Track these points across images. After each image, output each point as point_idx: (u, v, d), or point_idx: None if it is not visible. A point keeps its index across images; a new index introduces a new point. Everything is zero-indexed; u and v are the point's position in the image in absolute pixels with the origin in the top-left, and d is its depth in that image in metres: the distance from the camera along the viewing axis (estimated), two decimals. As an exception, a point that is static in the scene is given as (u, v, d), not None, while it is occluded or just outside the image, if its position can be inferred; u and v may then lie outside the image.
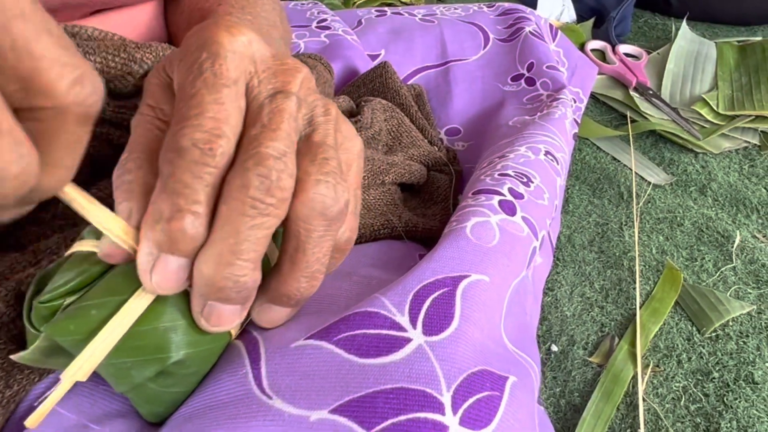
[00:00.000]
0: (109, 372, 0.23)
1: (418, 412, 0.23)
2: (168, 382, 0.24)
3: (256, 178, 0.21)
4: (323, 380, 0.24)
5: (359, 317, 0.26)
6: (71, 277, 0.23)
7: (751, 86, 0.88)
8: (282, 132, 0.23)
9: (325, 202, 0.23)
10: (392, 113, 0.55)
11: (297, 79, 0.25)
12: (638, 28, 1.15)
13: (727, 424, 0.49)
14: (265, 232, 0.22)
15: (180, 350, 0.23)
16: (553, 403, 0.51)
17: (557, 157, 0.49)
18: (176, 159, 0.21)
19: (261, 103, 0.24)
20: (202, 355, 0.25)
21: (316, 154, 0.24)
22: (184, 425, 0.24)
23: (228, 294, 0.22)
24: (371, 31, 0.71)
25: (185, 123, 0.22)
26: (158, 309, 0.23)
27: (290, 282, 0.24)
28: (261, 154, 0.22)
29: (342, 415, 0.23)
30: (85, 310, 0.22)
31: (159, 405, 0.25)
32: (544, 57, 0.68)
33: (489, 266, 0.31)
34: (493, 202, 0.37)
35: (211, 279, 0.22)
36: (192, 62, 0.23)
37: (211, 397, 0.24)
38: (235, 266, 0.22)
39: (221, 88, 0.23)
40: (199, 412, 0.24)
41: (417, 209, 0.49)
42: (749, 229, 0.68)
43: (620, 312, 0.59)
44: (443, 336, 0.26)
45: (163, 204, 0.21)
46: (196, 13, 0.43)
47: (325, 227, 0.24)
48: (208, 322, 0.23)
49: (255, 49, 0.25)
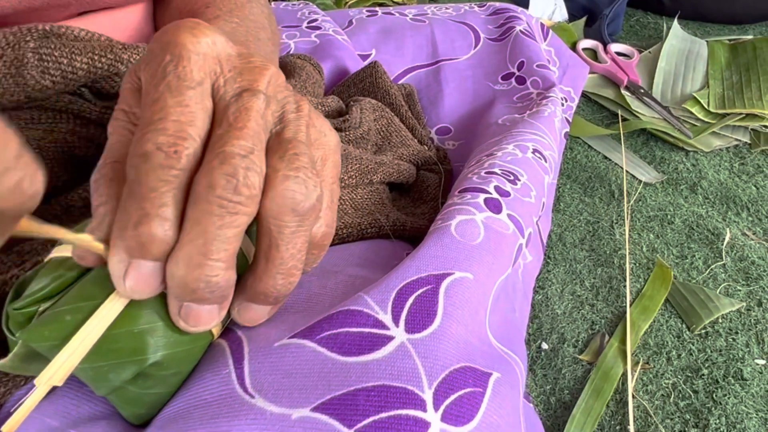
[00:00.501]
0: (88, 376, 0.23)
1: (400, 409, 0.23)
2: (148, 383, 0.24)
3: (223, 177, 0.21)
4: (306, 378, 0.24)
5: (342, 315, 0.26)
6: (46, 283, 0.23)
7: (742, 85, 0.88)
8: (248, 130, 0.23)
9: (295, 198, 0.23)
10: (382, 113, 0.55)
11: (264, 76, 0.25)
12: (630, 26, 1.15)
13: (716, 420, 0.49)
14: (235, 231, 0.22)
15: (157, 352, 0.23)
16: (544, 400, 0.51)
17: (545, 155, 0.49)
18: (141, 164, 0.21)
19: (227, 102, 0.24)
20: (181, 356, 0.24)
21: (286, 150, 0.24)
22: (168, 426, 0.24)
23: (202, 294, 0.22)
24: (362, 31, 0.71)
25: (149, 128, 0.22)
26: (134, 312, 0.23)
27: (266, 280, 0.24)
28: (226, 152, 0.22)
29: (324, 413, 0.23)
30: (60, 316, 0.22)
31: (140, 407, 0.25)
32: (535, 56, 0.68)
33: (473, 264, 0.31)
34: (479, 200, 0.37)
35: (183, 280, 0.22)
36: (156, 66, 0.23)
37: (194, 397, 0.24)
38: (206, 267, 0.22)
39: (185, 90, 0.22)
40: (182, 412, 0.24)
41: (406, 208, 0.49)
42: (739, 226, 0.69)
43: (611, 310, 0.59)
44: (425, 333, 0.26)
45: (130, 209, 0.21)
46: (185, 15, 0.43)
47: (297, 223, 0.24)
48: (187, 323, 0.23)
49: (220, 49, 0.25)
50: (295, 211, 0.23)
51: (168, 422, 0.24)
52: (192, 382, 0.25)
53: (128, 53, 0.35)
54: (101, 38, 0.36)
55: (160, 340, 0.23)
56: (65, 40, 0.34)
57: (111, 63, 0.34)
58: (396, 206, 0.49)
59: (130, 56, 0.35)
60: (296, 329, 0.26)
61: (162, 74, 0.23)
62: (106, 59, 0.34)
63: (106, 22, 0.42)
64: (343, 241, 0.41)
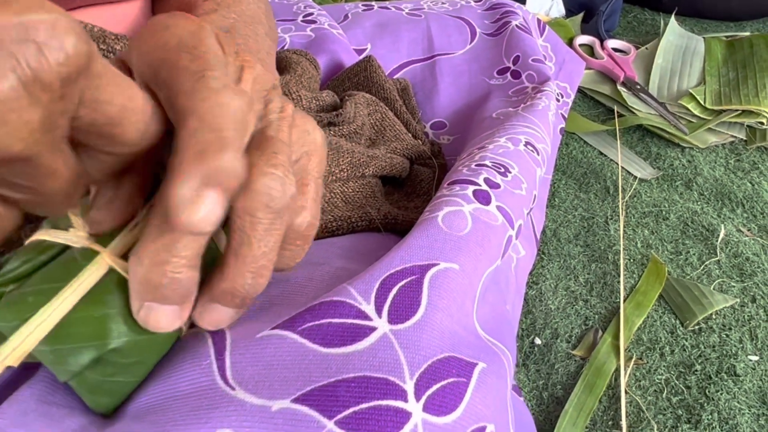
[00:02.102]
0: (48, 359, 0.23)
1: (380, 400, 0.23)
2: (108, 370, 0.23)
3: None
4: (287, 370, 0.24)
5: (325, 306, 0.26)
6: (17, 266, 0.23)
7: (738, 81, 0.88)
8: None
9: (270, 194, 0.23)
10: (376, 107, 0.55)
11: (248, 77, 0.25)
12: (627, 23, 1.15)
13: (709, 416, 0.49)
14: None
15: (119, 338, 0.23)
16: (536, 395, 0.51)
17: (538, 148, 0.48)
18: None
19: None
20: (142, 345, 0.24)
21: (265, 148, 0.23)
22: (144, 416, 0.24)
23: (163, 293, 0.22)
24: (358, 25, 0.71)
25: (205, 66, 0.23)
26: (97, 297, 0.23)
27: (235, 278, 0.24)
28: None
29: (304, 404, 0.22)
30: (23, 297, 0.22)
31: (102, 394, 0.24)
32: (530, 50, 0.68)
33: (459, 254, 0.30)
34: (468, 192, 0.36)
35: (146, 277, 0.22)
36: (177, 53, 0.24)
37: (173, 387, 0.24)
38: (170, 264, 0.21)
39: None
40: (160, 402, 0.24)
41: (399, 202, 0.49)
42: (734, 223, 0.68)
43: (604, 305, 0.59)
44: (408, 324, 0.26)
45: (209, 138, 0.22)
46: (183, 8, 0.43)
47: (270, 220, 0.23)
48: (147, 324, 0.23)
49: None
50: (270, 207, 0.23)
51: (144, 413, 0.24)
52: (170, 371, 0.25)
53: (120, 44, 0.35)
54: (94, 29, 0.36)
55: (121, 327, 0.23)
56: None
57: (103, 54, 0.34)
58: (389, 200, 0.48)
59: (122, 47, 0.34)
60: (278, 320, 0.26)
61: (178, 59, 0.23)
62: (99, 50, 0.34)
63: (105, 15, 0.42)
64: (333, 234, 0.41)
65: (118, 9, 0.43)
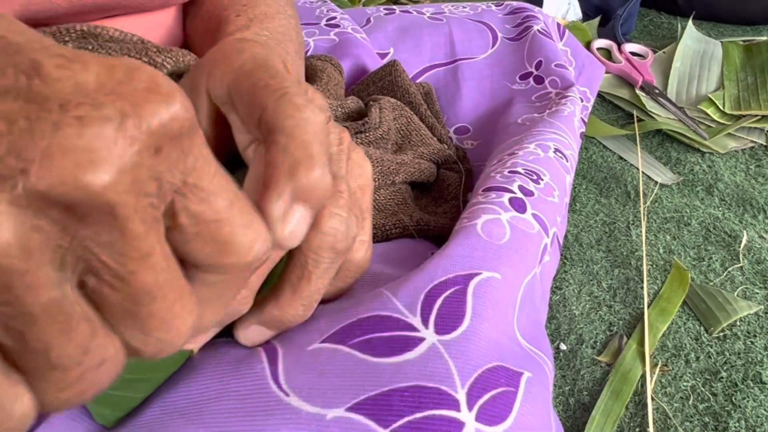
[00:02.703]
0: None
1: (434, 410, 0.23)
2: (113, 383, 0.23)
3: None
4: (339, 379, 0.24)
5: (373, 321, 0.27)
6: None
7: (757, 86, 0.88)
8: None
9: (336, 236, 0.24)
10: (401, 111, 0.55)
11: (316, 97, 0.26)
12: (644, 26, 1.15)
13: (736, 423, 0.49)
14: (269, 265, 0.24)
15: None
16: (563, 401, 0.51)
17: (566, 155, 0.49)
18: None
19: None
20: (149, 363, 0.24)
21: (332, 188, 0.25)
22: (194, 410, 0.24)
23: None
24: (380, 29, 0.71)
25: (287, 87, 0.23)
26: None
27: (288, 309, 0.25)
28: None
29: (358, 413, 0.23)
30: None
31: (105, 406, 0.24)
32: (552, 55, 0.68)
33: (500, 263, 0.31)
34: (504, 200, 0.37)
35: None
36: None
37: (225, 385, 0.24)
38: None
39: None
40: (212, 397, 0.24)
41: (427, 207, 0.49)
42: (756, 229, 0.68)
43: (628, 311, 0.59)
44: (456, 334, 0.26)
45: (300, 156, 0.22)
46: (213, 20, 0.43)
47: (331, 260, 0.25)
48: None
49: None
50: (334, 248, 0.24)
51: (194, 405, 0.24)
52: (223, 371, 0.26)
53: (162, 57, 0.35)
54: (134, 38, 0.36)
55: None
56: (101, 40, 0.34)
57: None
58: (417, 205, 0.49)
59: (163, 60, 0.35)
60: (326, 332, 0.26)
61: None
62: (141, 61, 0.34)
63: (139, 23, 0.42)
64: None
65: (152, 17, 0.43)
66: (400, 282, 0.29)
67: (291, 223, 0.21)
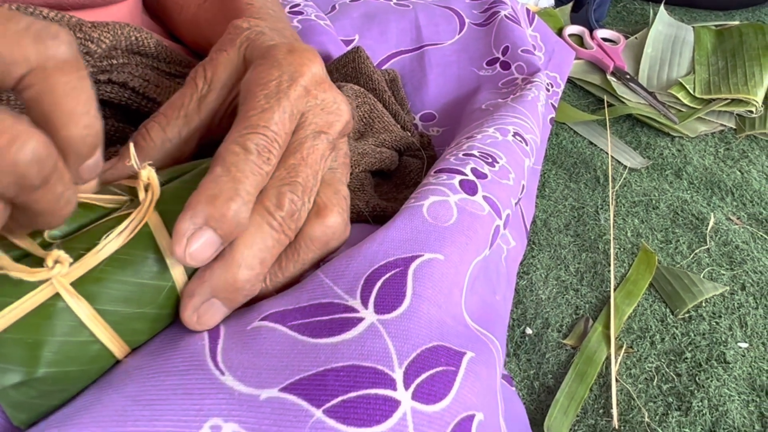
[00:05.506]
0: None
1: (369, 389, 0.22)
2: (31, 393, 0.22)
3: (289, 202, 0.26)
4: (275, 359, 0.24)
5: (313, 309, 0.26)
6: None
7: (728, 70, 0.88)
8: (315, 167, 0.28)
9: (335, 233, 0.28)
10: (364, 99, 0.55)
11: (338, 123, 0.29)
12: (617, 12, 1.15)
13: (699, 402, 0.49)
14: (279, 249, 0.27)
15: (48, 368, 0.22)
16: (527, 385, 0.51)
17: (526, 139, 0.48)
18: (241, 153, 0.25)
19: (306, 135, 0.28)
20: (73, 376, 0.23)
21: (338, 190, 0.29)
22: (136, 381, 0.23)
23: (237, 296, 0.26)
24: (345, 15, 0.70)
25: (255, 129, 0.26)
26: (35, 321, 0.22)
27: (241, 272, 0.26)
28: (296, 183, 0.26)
29: (292, 393, 0.22)
30: None
31: (21, 411, 0.23)
32: (519, 41, 0.67)
33: (444, 245, 0.30)
34: (454, 182, 0.36)
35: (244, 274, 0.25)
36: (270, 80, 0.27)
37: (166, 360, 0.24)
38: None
39: (289, 110, 0.27)
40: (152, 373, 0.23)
41: (388, 194, 0.49)
42: (723, 211, 0.69)
43: (595, 294, 0.59)
44: (396, 314, 0.26)
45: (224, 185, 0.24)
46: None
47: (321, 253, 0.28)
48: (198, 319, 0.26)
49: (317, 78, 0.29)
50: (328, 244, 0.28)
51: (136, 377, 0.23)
52: (165, 344, 0.25)
53: (98, 32, 0.34)
54: (71, 20, 0.36)
55: (51, 356, 0.22)
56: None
57: (81, 42, 0.34)
58: (378, 192, 0.48)
59: (100, 35, 0.34)
60: (266, 312, 0.26)
61: (276, 89, 0.27)
62: (76, 39, 0.33)
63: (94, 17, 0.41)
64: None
65: (107, 11, 0.42)
66: (341, 268, 0.29)
67: (196, 244, 0.23)
